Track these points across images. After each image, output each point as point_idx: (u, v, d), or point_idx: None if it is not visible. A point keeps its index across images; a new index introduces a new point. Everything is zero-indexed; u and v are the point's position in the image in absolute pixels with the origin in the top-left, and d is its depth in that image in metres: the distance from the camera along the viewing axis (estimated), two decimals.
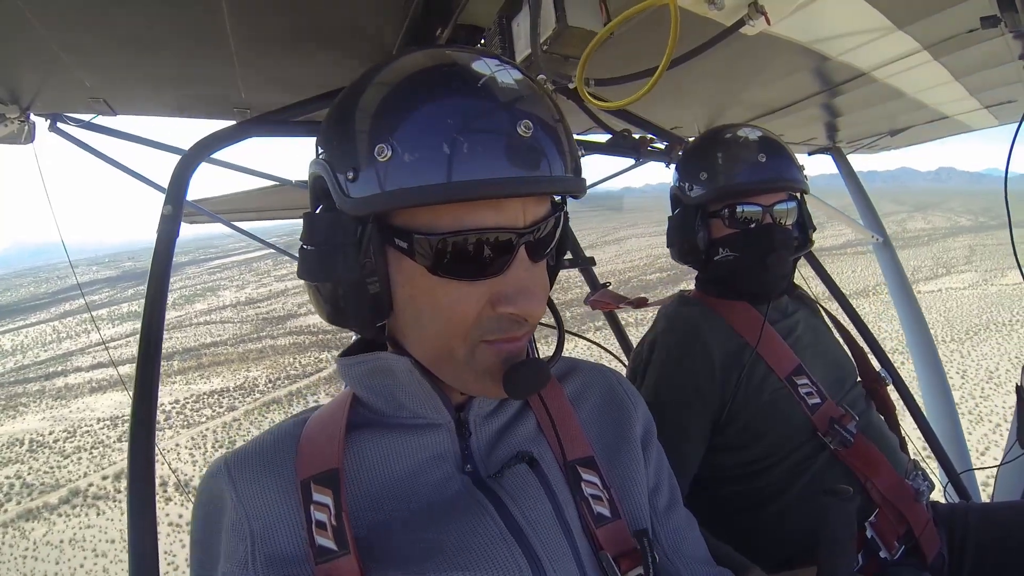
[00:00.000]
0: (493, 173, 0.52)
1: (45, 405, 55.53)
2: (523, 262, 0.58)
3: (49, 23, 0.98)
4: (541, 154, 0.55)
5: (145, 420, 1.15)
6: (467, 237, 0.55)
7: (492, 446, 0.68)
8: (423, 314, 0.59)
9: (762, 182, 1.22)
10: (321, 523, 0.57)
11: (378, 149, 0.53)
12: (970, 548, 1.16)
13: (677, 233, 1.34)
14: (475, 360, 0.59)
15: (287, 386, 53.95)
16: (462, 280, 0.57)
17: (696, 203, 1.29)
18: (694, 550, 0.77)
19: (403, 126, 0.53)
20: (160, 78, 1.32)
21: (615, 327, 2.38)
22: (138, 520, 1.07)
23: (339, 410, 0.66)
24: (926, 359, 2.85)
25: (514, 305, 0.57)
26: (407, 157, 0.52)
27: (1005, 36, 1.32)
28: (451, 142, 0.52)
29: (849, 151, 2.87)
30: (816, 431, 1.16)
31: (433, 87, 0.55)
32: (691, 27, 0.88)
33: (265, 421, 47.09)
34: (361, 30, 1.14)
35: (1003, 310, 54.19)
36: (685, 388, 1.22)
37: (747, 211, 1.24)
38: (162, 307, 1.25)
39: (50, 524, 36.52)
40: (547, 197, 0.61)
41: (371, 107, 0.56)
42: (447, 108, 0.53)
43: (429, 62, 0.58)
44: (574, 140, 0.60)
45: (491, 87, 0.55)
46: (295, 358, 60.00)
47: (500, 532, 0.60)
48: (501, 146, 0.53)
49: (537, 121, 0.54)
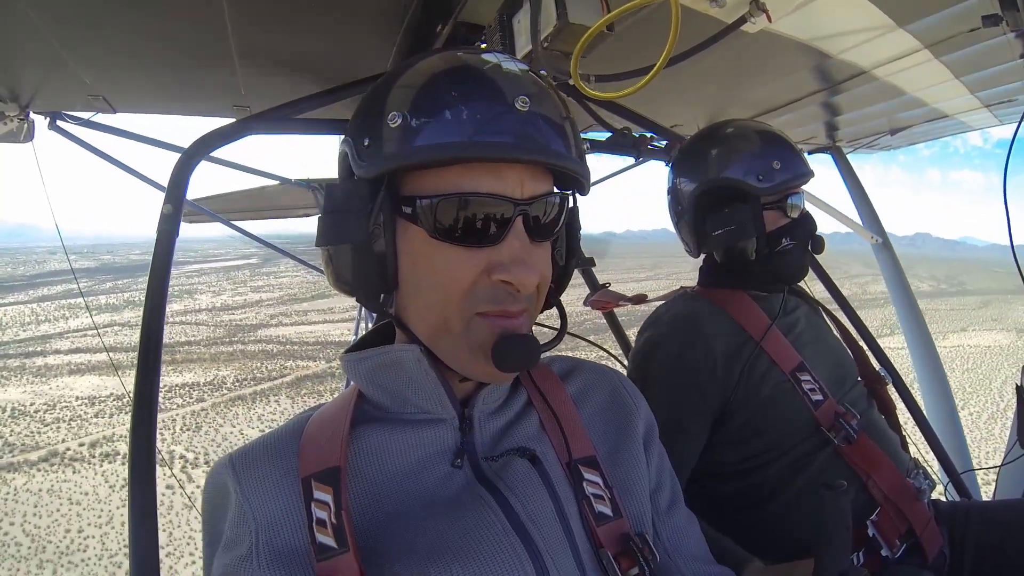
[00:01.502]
0: (487, 137, 0.57)
1: (26, 380, 56.98)
2: (520, 235, 0.60)
3: (49, 21, 0.98)
4: (537, 128, 0.58)
5: (145, 421, 1.15)
6: (467, 200, 0.59)
7: (495, 443, 0.68)
8: (422, 283, 0.62)
9: (804, 173, 1.27)
10: (321, 521, 0.57)
11: (391, 117, 0.59)
12: (971, 547, 1.16)
13: (746, 227, 1.24)
14: (471, 333, 0.61)
15: (252, 387, 56.51)
16: (460, 246, 0.60)
17: (763, 192, 1.24)
18: (695, 549, 0.77)
19: (413, 97, 0.60)
20: (160, 76, 1.33)
21: (615, 327, 2.38)
22: (139, 521, 1.06)
23: (343, 408, 0.66)
24: (926, 359, 2.85)
25: (508, 273, 0.59)
26: (414, 123, 0.58)
27: (1006, 35, 1.32)
28: (454, 110, 0.57)
29: (849, 150, 2.87)
30: (819, 427, 1.15)
31: (444, 68, 0.62)
32: (693, 24, 0.88)
33: (230, 413, 50.16)
34: (361, 27, 1.14)
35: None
36: (686, 384, 1.21)
37: (795, 202, 1.28)
38: (162, 307, 1.24)
39: (29, 476, 39.56)
40: (548, 176, 0.64)
41: (389, 86, 0.63)
42: (453, 82, 0.59)
43: (445, 56, 0.64)
44: (579, 133, 0.62)
45: (496, 70, 0.60)
46: (263, 363, 62.81)
47: (502, 526, 0.60)
48: (497, 114, 0.57)
49: (536, 100, 0.59)
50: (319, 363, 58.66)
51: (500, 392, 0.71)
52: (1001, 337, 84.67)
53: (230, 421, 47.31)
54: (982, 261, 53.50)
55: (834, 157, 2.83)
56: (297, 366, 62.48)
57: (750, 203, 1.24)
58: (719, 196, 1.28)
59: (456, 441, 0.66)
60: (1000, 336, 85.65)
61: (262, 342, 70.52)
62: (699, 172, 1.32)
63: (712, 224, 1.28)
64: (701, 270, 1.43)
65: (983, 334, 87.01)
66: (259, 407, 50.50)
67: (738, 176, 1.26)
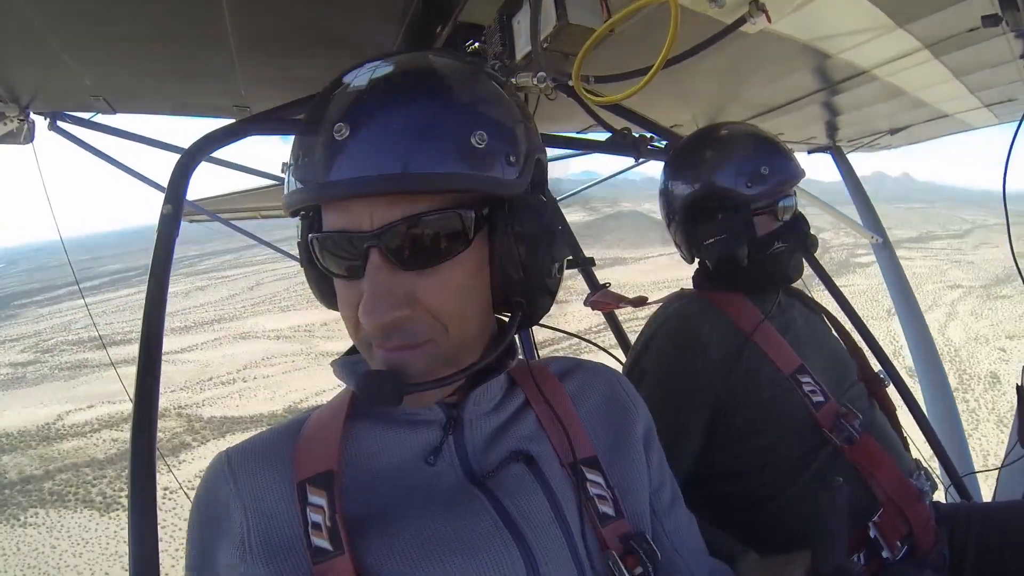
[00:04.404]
0: (307, 176, 0.55)
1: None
2: (380, 269, 0.55)
3: (49, 21, 0.98)
4: (356, 155, 0.52)
5: (146, 422, 1.15)
6: (324, 238, 0.58)
7: (488, 443, 0.68)
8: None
9: (794, 176, 1.26)
10: (316, 524, 0.57)
11: (282, 165, 0.61)
12: (971, 548, 1.16)
13: (737, 236, 1.24)
14: (373, 361, 0.60)
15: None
16: (338, 279, 0.60)
17: (753, 199, 1.24)
18: (696, 546, 0.77)
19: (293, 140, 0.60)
20: (160, 76, 1.32)
21: (614, 327, 2.37)
22: (139, 523, 1.06)
23: (338, 410, 0.66)
24: (926, 360, 2.85)
25: (361, 311, 0.56)
26: (289, 169, 0.59)
27: (1006, 35, 1.32)
28: (296, 153, 0.58)
29: (849, 150, 2.87)
30: (820, 427, 1.15)
31: (313, 103, 0.60)
32: (692, 25, 0.88)
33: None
34: (361, 28, 1.14)
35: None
36: (683, 385, 1.21)
37: (786, 204, 1.27)
38: (162, 308, 1.24)
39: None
40: (404, 197, 0.54)
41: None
42: (305, 123, 0.58)
43: (326, 87, 0.61)
44: (445, 130, 0.54)
45: (340, 95, 0.57)
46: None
47: (494, 523, 0.60)
48: (318, 153, 0.54)
49: (362, 121, 0.53)
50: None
51: (493, 392, 0.70)
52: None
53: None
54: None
55: (834, 157, 2.83)
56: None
57: (740, 210, 1.25)
58: (709, 203, 1.28)
59: (448, 442, 0.66)
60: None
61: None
62: (689, 179, 1.32)
63: (704, 233, 1.29)
64: (697, 272, 1.43)
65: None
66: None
67: (727, 184, 1.25)
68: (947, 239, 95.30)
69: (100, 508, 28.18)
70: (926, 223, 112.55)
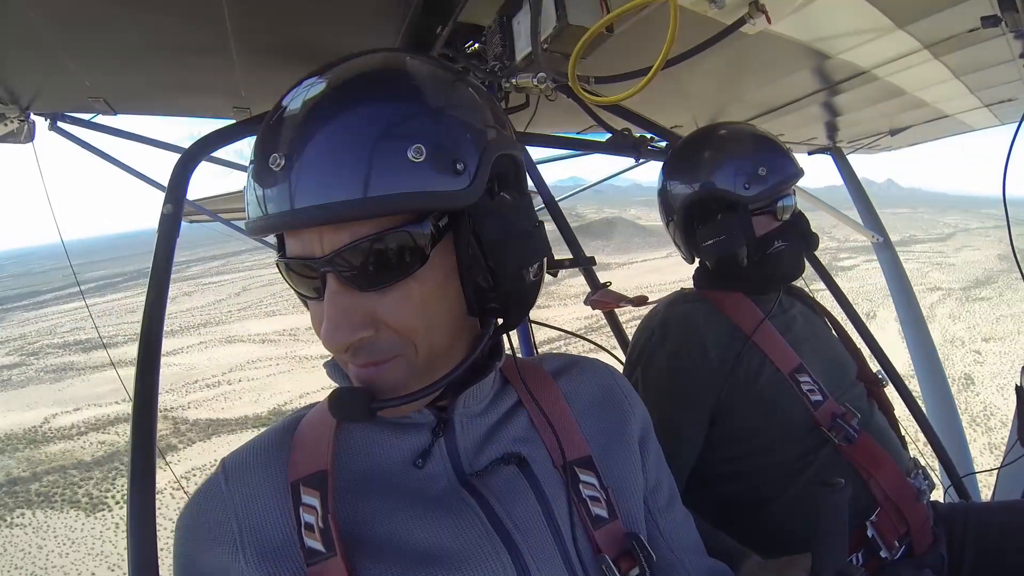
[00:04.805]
0: (252, 210, 0.56)
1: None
2: (338, 292, 0.55)
3: (50, 23, 0.98)
4: (293, 186, 0.52)
5: (146, 423, 1.15)
6: (288, 263, 0.58)
7: (480, 445, 0.67)
8: None
9: (792, 176, 1.26)
10: (309, 525, 0.57)
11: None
12: (969, 548, 1.16)
13: (736, 237, 1.23)
14: (349, 375, 0.61)
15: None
16: (307, 300, 0.61)
17: (751, 200, 1.23)
18: (693, 546, 0.77)
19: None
20: (160, 77, 1.32)
21: (614, 327, 2.37)
22: (138, 523, 1.06)
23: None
24: (926, 360, 2.85)
25: (322, 334, 0.57)
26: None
27: (1006, 35, 1.32)
28: (246, 183, 0.58)
29: (849, 151, 2.87)
30: (818, 426, 1.15)
31: (260, 131, 0.59)
32: (692, 26, 0.88)
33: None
34: (361, 28, 1.14)
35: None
36: (682, 384, 1.21)
37: (785, 204, 1.27)
38: (162, 308, 1.24)
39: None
40: (353, 222, 0.54)
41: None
42: (252, 152, 0.58)
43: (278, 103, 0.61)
44: (377, 150, 0.52)
45: (275, 122, 0.56)
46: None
47: (484, 529, 0.60)
48: (259, 185, 0.55)
49: (294, 149, 0.52)
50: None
51: (484, 393, 0.69)
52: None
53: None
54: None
55: (834, 158, 2.83)
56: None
57: (738, 211, 1.24)
58: (708, 205, 1.28)
59: (439, 444, 0.66)
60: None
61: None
62: (687, 180, 1.32)
63: (702, 235, 1.29)
64: (697, 272, 1.43)
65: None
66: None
67: (724, 185, 1.25)
68: (929, 243, 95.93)
69: (86, 509, 28.25)
70: (909, 227, 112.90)
